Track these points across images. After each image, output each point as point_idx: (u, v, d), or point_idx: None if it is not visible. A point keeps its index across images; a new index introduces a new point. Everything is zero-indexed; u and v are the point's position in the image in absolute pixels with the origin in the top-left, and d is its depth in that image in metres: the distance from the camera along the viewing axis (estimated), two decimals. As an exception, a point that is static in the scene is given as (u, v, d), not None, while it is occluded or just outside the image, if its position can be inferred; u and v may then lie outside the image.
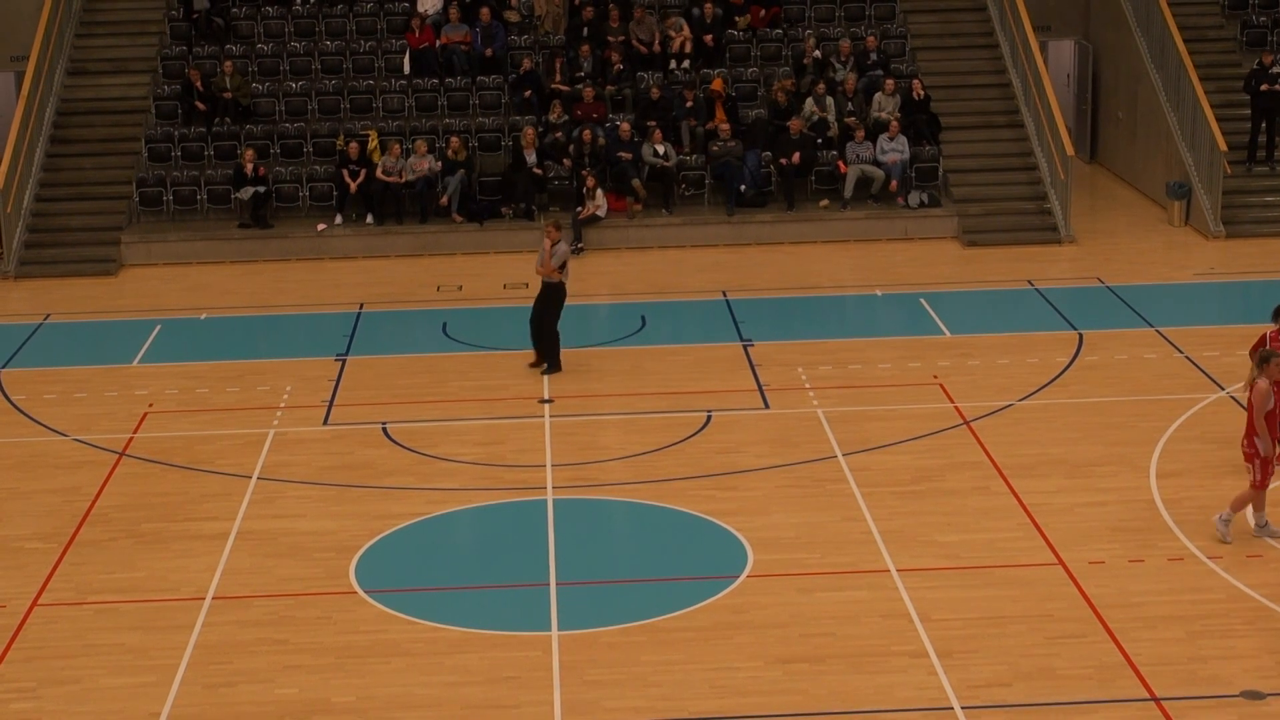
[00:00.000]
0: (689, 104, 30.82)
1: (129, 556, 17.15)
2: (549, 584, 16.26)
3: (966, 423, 20.41)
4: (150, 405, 21.70)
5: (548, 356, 22.63)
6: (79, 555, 17.19)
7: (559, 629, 15.32)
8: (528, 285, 27.06)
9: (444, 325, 25.09)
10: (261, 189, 29.53)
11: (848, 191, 30.04)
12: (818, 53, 31.89)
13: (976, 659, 14.60)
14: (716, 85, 31.12)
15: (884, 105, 30.91)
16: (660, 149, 29.93)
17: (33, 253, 29.09)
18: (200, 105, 30.88)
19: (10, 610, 15.94)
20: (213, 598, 16.13)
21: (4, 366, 23.55)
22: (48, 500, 18.66)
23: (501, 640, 15.13)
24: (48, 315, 26.22)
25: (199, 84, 30.88)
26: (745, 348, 23.58)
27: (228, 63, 31.39)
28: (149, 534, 17.68)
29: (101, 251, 29.03)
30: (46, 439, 20.66)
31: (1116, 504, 17.91)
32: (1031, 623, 15.25)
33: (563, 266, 22.45)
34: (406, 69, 32.08)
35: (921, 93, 31.05)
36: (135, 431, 20.75)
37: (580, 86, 31.29)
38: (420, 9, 32.74)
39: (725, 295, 26.30)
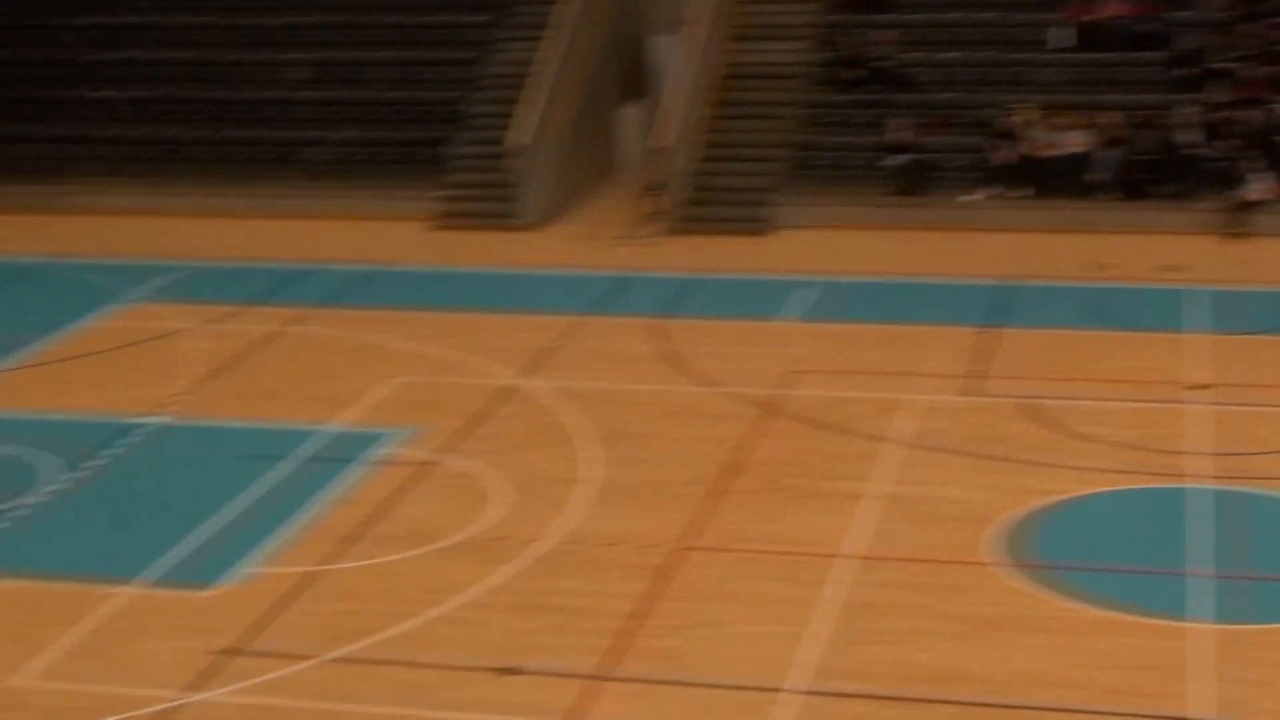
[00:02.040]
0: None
1: (772, 509, 17.66)
2: (1187, 573, 15.77)
3: None
4: (797, 364, 22.23)
5: None
6: (725, 503, 17.82)
7: (1208, 621, 14.84)
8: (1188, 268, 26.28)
9: (1093, 304, 24.59)
10: (913, 157, 29.74)
11: None
12: None
13: None
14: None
15: None
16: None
17: (692, 210, 30.21)
18: (854, 73, 31.32)
19: (663, 550, 16.70)
20: (850, 556, 16.42)
21: (664, 316, 24.59)
22: (698, 449, 19.37)
23: (1141, 627, 14.79)
24: (706, 270, 27.15)
25: (863, 52, 31.34)
26: None
27: (886, 31, 31.70)
28: (792, 489, 18.16)
29: (754, 212, 29.91)
30: (698, 390, 21.46)
31: None
32: None
33: None
34: (1058, 43, 31.52)
35: None
36: (782, 388, 21.31)
37: (1241, 66, 30.08)
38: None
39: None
